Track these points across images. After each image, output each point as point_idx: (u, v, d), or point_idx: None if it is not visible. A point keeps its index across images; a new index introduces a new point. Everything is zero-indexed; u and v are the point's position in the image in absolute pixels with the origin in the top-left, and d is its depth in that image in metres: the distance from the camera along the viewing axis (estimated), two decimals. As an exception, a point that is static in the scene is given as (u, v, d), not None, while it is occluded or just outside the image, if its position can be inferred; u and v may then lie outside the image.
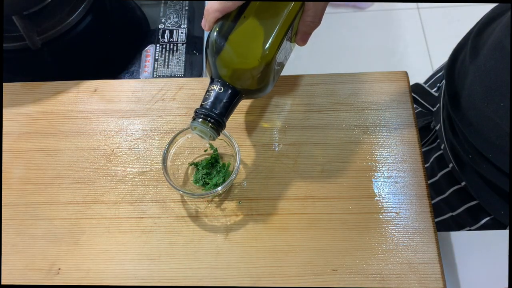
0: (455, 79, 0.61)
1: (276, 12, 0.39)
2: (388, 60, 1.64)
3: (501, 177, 0.55)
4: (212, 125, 0.42)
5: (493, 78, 0.52)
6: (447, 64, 0.64)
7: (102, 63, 0.75)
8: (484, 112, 0.53)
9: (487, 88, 0.53)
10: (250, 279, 0.49)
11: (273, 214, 0.52)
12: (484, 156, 0.55)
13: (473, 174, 0.60)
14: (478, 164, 0.57)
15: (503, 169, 0.54)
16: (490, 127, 0.53)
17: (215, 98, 0.41)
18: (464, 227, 0.66)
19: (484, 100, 0.53)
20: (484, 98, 0.53)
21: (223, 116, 0.42)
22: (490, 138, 0.53)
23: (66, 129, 0.58)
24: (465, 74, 0.58)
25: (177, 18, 0.78)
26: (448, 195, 0.67)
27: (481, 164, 0.56)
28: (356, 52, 1.66)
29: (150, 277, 0.50)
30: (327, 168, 0.55)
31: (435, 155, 0.69)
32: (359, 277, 0.49)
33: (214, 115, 0.41)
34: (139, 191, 0.54)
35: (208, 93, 0.42)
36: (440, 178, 0.68)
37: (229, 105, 0.42)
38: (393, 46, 1.67)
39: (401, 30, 1.70)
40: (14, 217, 0.53)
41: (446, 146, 0.64)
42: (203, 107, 0.42)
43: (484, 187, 0.59)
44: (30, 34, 0.67)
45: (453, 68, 0.62)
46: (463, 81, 0.58)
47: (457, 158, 0.62)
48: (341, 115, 0.58)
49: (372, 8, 1.74)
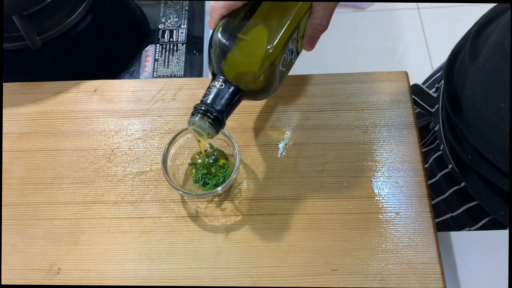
0: (454, 80, 0.61)
1: (282, 13, 0.39)
2: (388, 60, 1.64)
3: (501, 178, 0.55)
4: (212, 121, 0.40)
5: (493, 79, 0.52)
6: (446, 65, 0.64)
7: (102, 63, 0.75)
8: (484, 113, 0.53)
9: (487, 89, 0.53)
10: (250, 279, 0.49)
11: (273, 214, 0.52)
12: (484, 157, 0.55)
13: (473, 174, 0.60)
14: (478, 165, 0.57)
15: (503, 169, 0.54)
16: (490, 128, 0.53)
17: (216, 94, 0.40)
18: (464, 227, 0.66)
19: (484, 101, 0.53)
20: (484, 99, 0.53)
21: (223, 113, 0.40)
22: (490, 139, 0.53)
23: (66, 129, 0.58)
24: (464, 75, 0.58)
25: (177, 18, 0.78)
26: (447, 195, 0.67)
27: (481, 164, 0.56)
28: (356, 52, 1.66)
29: (150, 277, 0.50)
30: (327, 168, 0.55)
31: (434, 156, 0.69)
32: (359, 277, 0.49)
33: (214, 111, 0.40)
34: (139, 191, 0.54)
35: (209, 89, 0.41)
36: (439, 178, 0.68)
37: (229, 102, 0.40)
38: (393, 46, 1.67)
39: (401, 30, 1.70)
40: (14, 217, 0.53)
41: (445, 146, 0.64)
42: (203, 103, 0.40)
43: (484, 188, 0.59)
44: (30, 34, 0.67)
45: (452, 69, 0.62)
46: (463, 82, 0.58)
47: (457, 158, 0.62)
48: (341, 115, 0.58)
49: (372, 8, 1.74)
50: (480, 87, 0.54)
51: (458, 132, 0.60)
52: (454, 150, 0.62)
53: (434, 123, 0.68)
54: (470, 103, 0.56)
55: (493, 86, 0.52)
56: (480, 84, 0.54)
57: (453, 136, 0.61)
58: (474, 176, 0.60)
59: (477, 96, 0.54)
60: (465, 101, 0.57)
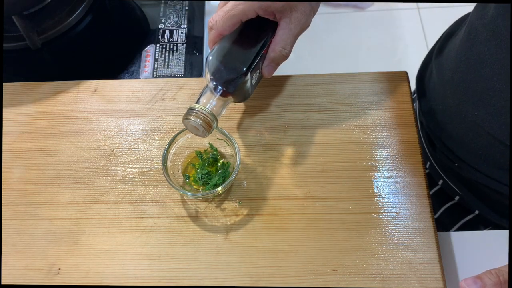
0: (427, 96, 0.62)
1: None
2: (388, 60, 1.64)
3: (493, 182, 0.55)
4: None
5: (463, 90, 0.53)
6: (416, 84, 0.66)
7: (102, 63, 0.75)
8: (462, 124, 0.54)
9: (460, 101, 0.54)
10: (250, 279, 0.49)
11: (273, 214, 0.52)
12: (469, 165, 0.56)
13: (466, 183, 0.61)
14: (467, 171, 0.57)
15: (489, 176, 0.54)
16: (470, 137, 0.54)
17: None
18: None
19: (459, 112, 0.54)
20: (458, 110, 0.54)
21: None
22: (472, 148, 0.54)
23: (66, 129, 0.58)
24: (435, 90, 0.59)
25: (177, 18, 0.78)
26: (439, 215, 0.67)
27: (469, 170, 0.57)
28: (356, 52, 1.66)
29: (150, 277, 0.50)
30: (327, 168, 0.55)
31: None
32: (359, 277, 0.49)
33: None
34: (139, 191, 0.54)
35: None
36: None
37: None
38: (393, 46, 1.67)
39: (401, 30, 1.70)
40: (14, 217, 0.53)
41: (433, 163, 0.65)
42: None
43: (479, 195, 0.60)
44: (30, 34, 0.67)
45: (423, 86, 0.64)
46: (435, 97, 0.60)
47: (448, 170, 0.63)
48: (341, 115, 0.58)
49: (372, 8, 1.74)
50: (452, 99, 0.55)
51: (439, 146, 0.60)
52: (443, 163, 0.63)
53: None
54: (446, 116, 0.57)
55: (463, 97, 0.52)
56: (452, 96, 0.55)
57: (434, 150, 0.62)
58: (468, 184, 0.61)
59: (452, 109, 0.56)
60: (441, 115, 0.58)
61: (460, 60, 0.53)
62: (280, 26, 0.48)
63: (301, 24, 0.48)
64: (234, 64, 0.48)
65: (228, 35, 0.49)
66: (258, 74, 0.52)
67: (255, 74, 0.51)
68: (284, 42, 0.48)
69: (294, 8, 0.47)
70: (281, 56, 0.49)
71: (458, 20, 0.62)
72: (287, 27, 0.48)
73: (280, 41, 0.48)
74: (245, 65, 0.48)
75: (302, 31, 0.50)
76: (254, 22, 0.49)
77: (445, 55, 0.58)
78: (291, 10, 0.47)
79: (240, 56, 0.48)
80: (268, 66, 0.51)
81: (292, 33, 0.48)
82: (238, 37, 0.49)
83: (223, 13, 0.47)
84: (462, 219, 0.66)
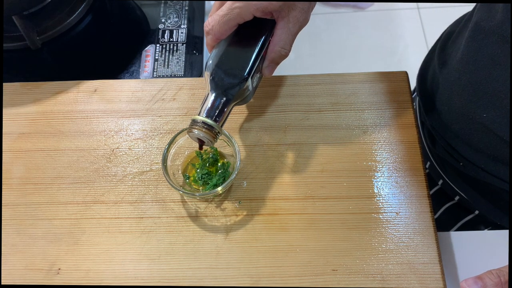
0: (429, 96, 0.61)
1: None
2: (388, 60, 1.64)
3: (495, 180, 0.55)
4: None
5: (471, 91, 0.52)
6: (418, 84, 0.65)
7: (102, 63, 0.75)
8: (468, 124, 0.54)
9: (467, 102, 0.53)
10: (250, 279, 0.49)
11: (273, 214, 0.52)
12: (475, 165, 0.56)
13: (470, 182, 0.60)
14: (473, 170, 0.57)
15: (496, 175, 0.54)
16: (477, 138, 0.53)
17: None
18: None
19: (466, 113, 0.53)
20: (465, 111, 0.54)
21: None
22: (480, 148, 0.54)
23: (66, 129, 0.58)
24: (438, 90, 0.59)
25: (177, 18, 0.78)
26: (439, 215, 0.67)
27: (475, 169, 0.56)
28: (356, 52, 1.66)
29: (150, 277, 0.50)
30: (327, 168, 0.55)
31: None
32: (359, 277, 0.49)
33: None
34: (139, 191, 0.54)
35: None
36: None
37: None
38: (393, 46, 1.67)
39: (401, 30, 1.70)
40: (14, 217, 0.53)
41: (433, 162, 0.64)
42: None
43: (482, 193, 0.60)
44: (30, 34, 0.67)
45: (424, 87, 0.63)
46: (440, 97, 0.59)
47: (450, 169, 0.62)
48: (341, 115, 0.58)
49: (372, 8, 1.74)
50: (459, 101, 0.54)
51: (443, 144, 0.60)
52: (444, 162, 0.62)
53: None
54: (451, 116, 0.57)
55: (472, 98, 0.52)
56: (459, 97, 0.54)
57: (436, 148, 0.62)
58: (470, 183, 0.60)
59: (458, 109, 0.55)
60: (446, 115, 0.58)
61: (468, 61, 0.52)
62: (278, 26, 0.47)
63: (299, 22, 0.48)
64: (234, 70, 0.47)
65: (225, 38, 0.48)
66: (259, 75, 0.52)
67: (256, 77, 0.50)
68: (284, 42, 0.48)
69: (292, 7, 0.46)
70: (281, 56, 0.49)
71: (458, 19, 0.62)
72: (286, 26, 0.47)
73: (279, 41, 0.48)
74: (245, 71, 0.47)
75: (301, 28, 0.49)
76: (251, 22, 0.48)
77: (449, 55, 0.58)
78: (289, 9, 0.46)
79: (240, 61, 0.48)
80: (268, 66, 0.50)
81: (291, 32, 0.48)
82: (236, 39, 0.49)
83: (219, 17, 0.46)
84: (462, 219, 0.66)
